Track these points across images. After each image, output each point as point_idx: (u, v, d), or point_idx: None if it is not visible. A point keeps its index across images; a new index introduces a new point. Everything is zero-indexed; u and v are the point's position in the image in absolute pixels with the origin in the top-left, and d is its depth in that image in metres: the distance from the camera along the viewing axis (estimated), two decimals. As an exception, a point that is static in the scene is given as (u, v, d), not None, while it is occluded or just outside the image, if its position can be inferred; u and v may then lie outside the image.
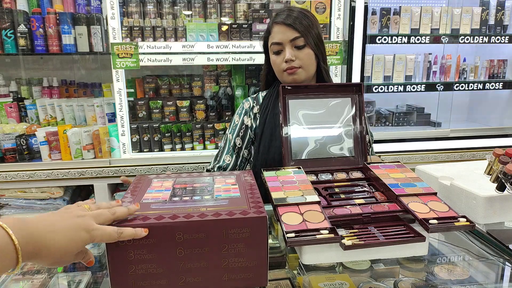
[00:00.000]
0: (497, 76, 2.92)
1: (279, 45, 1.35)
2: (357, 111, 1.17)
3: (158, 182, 0.98)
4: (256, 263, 0.76)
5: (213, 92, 2.66)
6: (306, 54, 1.34)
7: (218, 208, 0.78)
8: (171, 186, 0.95)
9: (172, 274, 0.74)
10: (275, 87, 1.51)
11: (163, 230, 0.72)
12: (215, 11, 2.48)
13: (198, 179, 1.01)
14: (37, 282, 0.98)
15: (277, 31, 1.35)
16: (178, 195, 0.88)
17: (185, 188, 0.93)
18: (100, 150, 2.41)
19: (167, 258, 0.73)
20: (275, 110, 1.44)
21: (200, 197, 0.86)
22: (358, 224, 0.86)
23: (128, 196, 0.88)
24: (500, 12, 2.78)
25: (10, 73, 2.68)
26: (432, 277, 0.99)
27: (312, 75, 1.40)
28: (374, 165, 1.09)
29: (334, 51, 2.50)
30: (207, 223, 0.73)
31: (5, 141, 2.30)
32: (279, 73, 1.40)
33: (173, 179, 1.01)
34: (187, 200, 0.84)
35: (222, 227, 0.73)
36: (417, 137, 2.76)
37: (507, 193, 1.04)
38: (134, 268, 0.73)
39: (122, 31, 2.33)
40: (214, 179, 1.00)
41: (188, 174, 1.06)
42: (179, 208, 0.78)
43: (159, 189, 0.92)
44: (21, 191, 2.35)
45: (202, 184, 0.96)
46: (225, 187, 0.93)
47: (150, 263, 0.73)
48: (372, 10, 2.64)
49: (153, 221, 0.72)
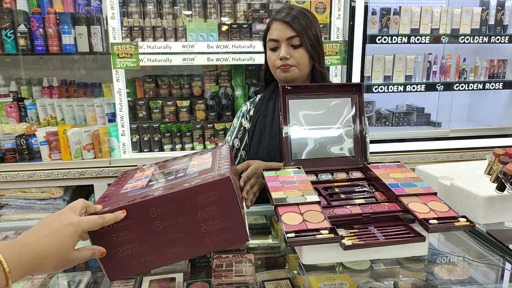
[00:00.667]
0: (497, 76, 2.92)
1: (276, 42, 1.36)
2: (357, 111, 1.17)
3: (140, 173, 1.03)
4: (232, 222, 0.79)
5: (213, 92, 2.66)
6: (300, 54, 1.35)
7: (187, 180, 0.81)
8: (151, 173, 0.99)
9: (156, 248, 0.79)
10: (269, 88, 1.53)
11: (137, 209, 0.76)
12: (215, 11, 2.48)
13: (177, 161, 1.06)
14: (37, 282, 0.98)
15: (275, 28, 1.36)
16: (155, 179, 0.92)
17: (163, 172, 0.97)
18: (100, 150, 2.41)
19: (147, 234, 0.77)
20: (266, 111, 1.47)
21: (174, 176, 0.90)
22: (358, 224, 0.86)
23: (112, 189, 0.94)
24: (500, 12, 2.78)
25: (10, 73, 2.68)
26: (432, 277, 0.99)
27: (305, 75, 1.41)
28: (374, 165, 1.09)
29: (334, 51, 2.50)
30: (175, 195, 0.76)
31: (5, 141, 2.30)
32: (273, 69, 1.42)
33: (155, 167, 1.06)
34: (162, 182, 0.88)
35: (189, 195, 0.77)
36: (417, 137, 2.76)
37: (507, 193, 1.04)
38: (121, 251, 0.77)
39: (122, 31, 2.33)
40: (192, 158, 1.04)
41: (171, 160, 1.11)
42: (153, 190, 0.82)
43: (139, 178, 0.97)
44: (21, 191, 2.35)
45: (179, 165, 0.99)
46: (199, 162, 0.96)
47: (133, 242, 0.77)
48: (372, 10, 2.64)
49: (126, 203, 0.77)
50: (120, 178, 1.05)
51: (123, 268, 0.78)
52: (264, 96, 1.52)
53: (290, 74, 1.36)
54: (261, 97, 1.55)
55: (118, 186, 0.96)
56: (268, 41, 1.40)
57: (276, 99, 1.47)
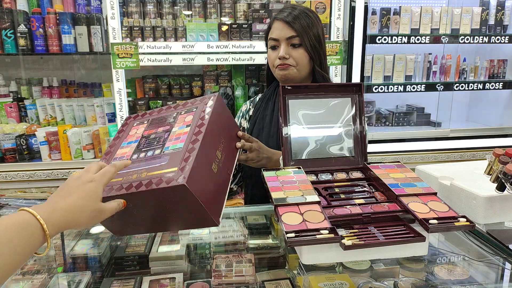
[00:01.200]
0: (497, 76, 2.92)
1: (276, 41, 1.37)
2: (357, 111, 1.17)
3: (135, 128, 1.08)
4: (198, 214, 0.83)
5: (213, 92, 2.66)
6: (299, 54, 1.35)
7: (153, 173, 0.83)
8: (141, 134, 1.04)
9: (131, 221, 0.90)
10: (270, 88, 1.53)
11: (112, 198, 0.82)
12: (215, 11, 2.48)
13: (166, 116, 1.07)
14: (37, 282, 0.98)
15: (276, 27, 1.37)
16: (139, 149, 0.98)
17: (149, 136, 1.01)
18: (100, 150, 2.40)
19: (125, 212, 0.82)
20: (265, 111, 1.47)
21: (152, 152, 0.93)
22: (358, 224, 0.86)
23: (114, 142, 1.04)
24: (500, 12, 2.78)
25: (10, 73, 2.68)
26: (432, 277, 0.99)
27: (304, 75, 1.41)
28: (374, 165, 1.09)
29: (334, 51, 2.50)
30: (138, 195, 0.81)
31: (5, 141, 2.30)
32: (272, 68, 1.42)
33: (147, 123, 1.09)
34: (142, 159, 0.93)
35: (150, 197, 0.81)
36: (417, 137, 2.76)
37: (507, 193, 1.04)
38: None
39: (122, 31, 2.33)
40: (178, 116, 1.04)
41: (164, 110, 1.12)
42: (128, 175, 0.87)
43: (131, 140, 1.03)
44: (21, 191, 2.35)
45: (164, 128, 1.02)
46: (179, 131, 0.97)
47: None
48: (372, 10, 2.64)
49: (104, 194, 0.80)
50: (123, 126, 1.12)
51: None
52: (265, 95, 1.53)
53: (288, 73, 1.36)
54: (261, 97, 1.55)
55: (118, 141, 1.05)
56: (269, 40, 1.41)
57: (276, 99, 1.47)
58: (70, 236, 1.21)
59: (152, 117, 1.10)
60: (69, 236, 1.21)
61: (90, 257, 1.11)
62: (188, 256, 1.09)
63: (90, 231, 1.23)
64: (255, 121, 1.48)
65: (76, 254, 1.11)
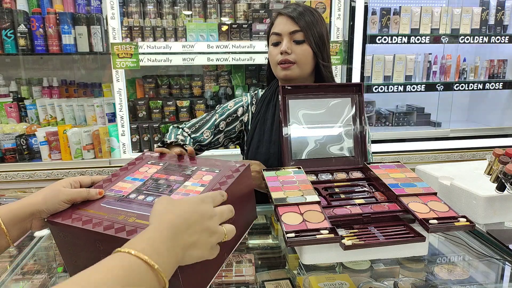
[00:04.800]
0: (497, 76, 2.92)
1: (278, 36, 1.33)
2: (357, 111, 1.17)
3: (147, 166, 0.96)
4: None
5: (213, 92, 2.66)
6: (303, 50, 1.31)
7: (142, 222, 0.70)
8: (150, 175, 0.91)
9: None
10: (271, 87, 1.48)
11: (84, 234, 0.71)
12: (215, 11, 2.48)
13: (186, 167, 0.94)
14: (37, 282, 0.98)
15: (279, 22, 1.33)
16: (140, 190, 0.85)
17: (157, 180, 0.89)
18: (100, 150, 2.40)
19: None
20: (266, 115, 1.42)
21: (152, 198, 0.81)
22: (358, 224, 0.86)
23: (119, 173, 0.91)
24: (500, 12, 2.78)
25: (10, 73, 2.68)
26: (432, 277, 0.99)
27: (307, 74, 1.37)
28: (374, 165, 1.09)
29: (334, 51, 2.50)
30: (113, 239, 0.68)
31: (5, 141, 2.30)
32: (274, 65, 1.37)
33: (164, 164, 0.96)
34: (136, 201, 0.81)
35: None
36: (417, 137, 2.76)
37: (507, 193, 1.04)
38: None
39: (122, 31, 2.33)
40: (197, 171, 0.91)
41: (189, 161, 0.97)
42: (116, 213, 0.75)
43: (137, 177, 0.91)
44: (21, 191, 2.35)
45: (177, 177, 0.90)
46: (191, 187, 0.84)
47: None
48: (372, 10, 2.64)
49: (77, 224, 0.72)
50: (137, 159, 0.99)
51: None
52: (265, 96, 1.48)
53: (291, 72, 1.32)
54: (262, 96, 1.50)
55: (124, 173, 0.92)
56: (271, 35, 1.36)
57: (277, 102, 1.43)
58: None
59: (171, 161, 0.98)
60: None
61: (90, 257, 1.11)
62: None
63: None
64: (256, 125, 1.43)
65: (76, 254, 1.11)
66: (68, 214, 0.77)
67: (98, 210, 0.78)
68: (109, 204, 0.80)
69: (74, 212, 0.77)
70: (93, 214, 0.76)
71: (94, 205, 0.80)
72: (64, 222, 0.74)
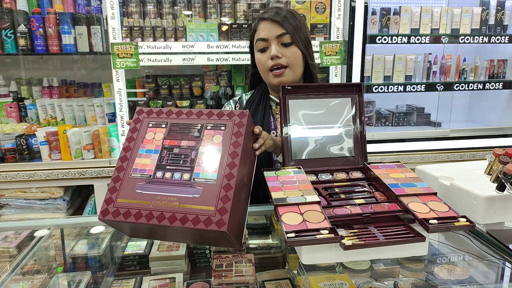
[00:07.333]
0: (497, 76, 2.92)
1: (265, 42, 1.28)
2: (357, 111, 1.17)
3: (151, 130, 0.97)
4: (229, 243, 0.87)
5: (213, 92, 2.66)
6: (292, 52, 1.27)
7: (187, 206, 0.81)
8: (160, 143, 0.94)
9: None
10: (258, 90, 1.44)
11: (140, 225, 0.82)
12: (215, 11, 2.48)
13: (189, 125, 0.96)
14: (37, 282, 0.98)
15: (264, 28, 1.28)
16: (163, 165, 0.90)
17: (172, 150, 0.92)
18: (100, 150, 2.41)
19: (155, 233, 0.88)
20: (254, 118, 1.37)
21: (180, 175, 0.87)
22: (358, 224, 0.86)
23: (123, 153, 0.94)
24: (500, 12, 2.78)
25: (10, 73, 2.68)
26: (432, 277, 0.99)
27: (299, 76, 1.34)
28: (374, 165, 1.09)
29: (334, 51, 2.49)
30: (175, 229, 0.81)
31: (5, 141, 2.30)
32: (265, 73, 1.32)
33: (166, 125, 0.97)
34: (166, 181, 0.87)
35: (182, 229, 0.81)
36: (417, 137, 2.76)
37: (507, 193, 1.04)
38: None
39: (122, 31, 2.33)
40: (203, 130, 0.94)
41: (185, 114, 1.00)
42: (156, 199, 0.83)
43: (150, 149, 0.93)
44: (21, 191, 2.35)
45: (189, 142, 0.93)
46: (208, 154, 0.90)
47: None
48: (372, 10, 2.64)
49: (130, 219, 0.82)
50: (135, 121, 0.99)
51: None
52: (253, 99, 1.42)
53: (285, 78, 1.29)
54: (249, 99, 1.44)
55: (134, 144, 0.94)
56: (256, 42, 1.31)
57: (267, 104, 1.39)
58: (70, 236, 1.21)
59: (171, 120, 0.98)
60: (69, 236, 1.21)
61: (90, 257, 1.11)
62: (188, 256, 1.09)
63: (90, 231, 1.23)
64: None
65: (76, 254, 1.11)
66: (115, 210, 0.84)
67: (138, 199, 0.84)
68: (143, 189, 0.86)
69: (116, 204, 0.84)
70: (136, 204, 0.83)
71: (130, 192, 0.86)
72: (117, 219, 0.82)
